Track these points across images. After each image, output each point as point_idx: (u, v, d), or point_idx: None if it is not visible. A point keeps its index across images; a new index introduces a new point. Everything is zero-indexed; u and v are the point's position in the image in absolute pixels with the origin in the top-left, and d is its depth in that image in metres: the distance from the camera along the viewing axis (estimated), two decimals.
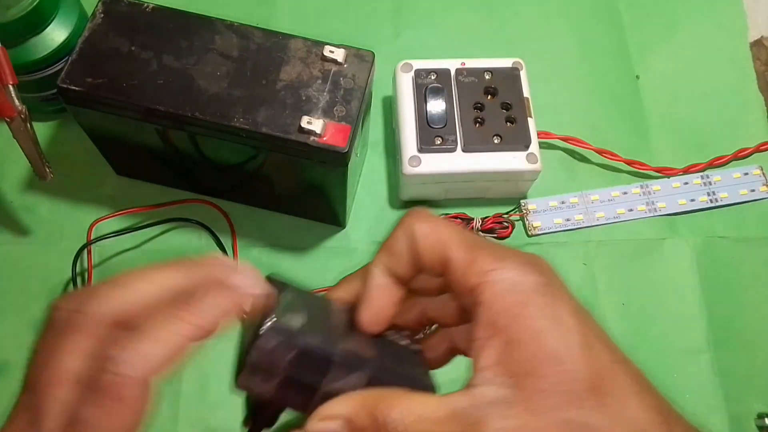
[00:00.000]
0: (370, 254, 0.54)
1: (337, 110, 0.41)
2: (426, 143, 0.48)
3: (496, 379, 0.23)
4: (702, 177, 0.53)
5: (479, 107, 0.49)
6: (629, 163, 0.53)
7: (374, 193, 0.52)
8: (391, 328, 0.29)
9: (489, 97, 0.50)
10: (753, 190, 0.53)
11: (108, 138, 0.46)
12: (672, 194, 0.53)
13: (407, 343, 0.29)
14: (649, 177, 0.54)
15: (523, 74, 0.51)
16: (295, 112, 0.40)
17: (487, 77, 0.50)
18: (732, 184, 0.53)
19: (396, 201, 0.52)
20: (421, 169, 0.48)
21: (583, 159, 0.54)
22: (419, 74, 0.50)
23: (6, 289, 0.48)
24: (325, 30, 0.54)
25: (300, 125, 0.40)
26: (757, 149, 0.54)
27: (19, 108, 0.42)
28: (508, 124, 0.49)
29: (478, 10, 0.60)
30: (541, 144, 0.50)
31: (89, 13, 0.44)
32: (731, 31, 0.60)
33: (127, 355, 0.23)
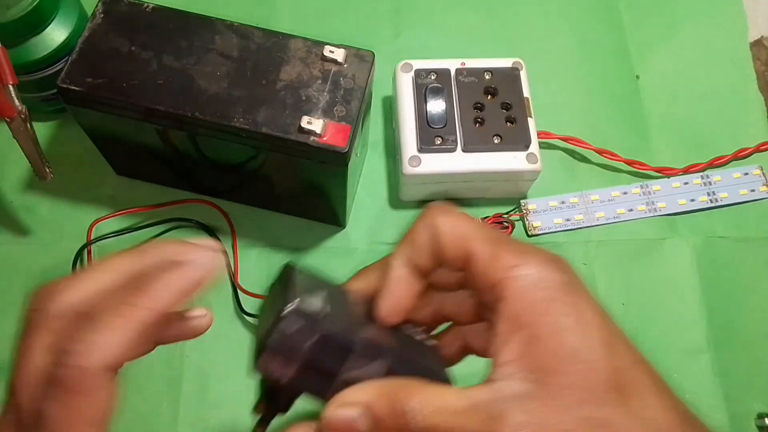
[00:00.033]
0: (371, 254, 0.55)
1: (337, 110, 0.41)
2: (426, 143, 0.48)
3: (517, 374, 0.23)
4: (702, 177, 0.53)
5: (479, 107, 0.49)
6: (629, 163, 0.53)
7: (374, 193, 0.52)
8: (407, 322, 0.29)
9: (489, 97, 0.50)
10: (753, 190, 0.53)
11: (108, 138, 0.46)
12: (672, 194, 0.53)
13: (423, 338, 0.30)
14: (649, 177, 0.54)
15: (523, 74, 0.51)
16: (295, 112, 0.40)
17: (487, 77, 0.50)
18: (732, 184, 0.53)
19: (396, 201, 0.52)
20: (421, 169, 0.48)
21: (583, 159, 0.54)
22: (419, 74, 0.50)
23: (6, 289, 0.48)
24: (325, 30, 0.54)
25: (300, 125, 0.40)
26: (757, 149, 0.54)
27: (19, 108, 0.42)
28: (508, 124, 0.49)
29: (478, 10, 0.60)
30: (541, 144, 0.50)
31: (89, 13, 0.44)
32: (731, 31, 0.60)
33: (81, 347, 0.23)
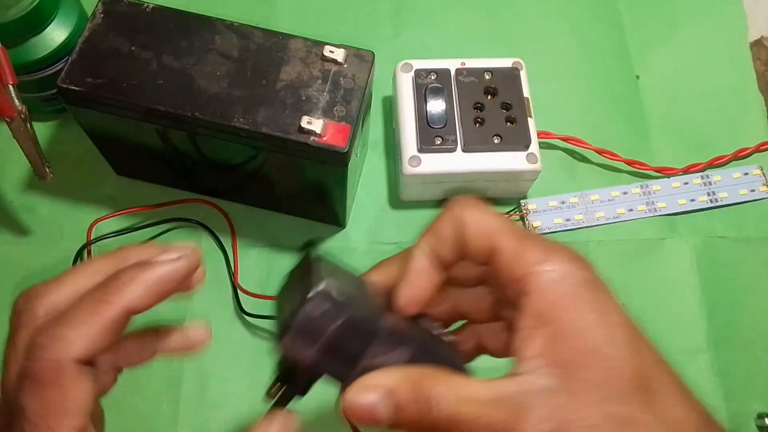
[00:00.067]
0: (371, 254, 0.55)
1: (337, 110, 0.41)
2: (426, 143, 0.48)
3: (542, 368, 0.23)
4: (702, 177, 0.53)
5: (479, 107, 0.49)
6: (629, 163, 0.53)
7: (374, 193, 0.52)
8: (424, 316, 0.29)
9: (489, 97, 0.50)
10: (753, 190, 0.53)
11: (108, 138, 0.46)
12: (672, 194, 0.53)
13: (440, 332, 0.30)
14: (649, 177, 0.54)
15: (523, 74, 0.51)
16: (295, 112, 0.40)
17: (487, 77, 0.50)
18: (732, 184, 0.53)
19: (396, 201, 0.52)
20: (421, 169, 0.48)
21: (583, 159, 0.54)
22: (419, 74, 0.50)
23: (6, 289, 0.48)
24: (325, 30, 0.54)
25: (300, 125, 0.40)
26: (757, 149, 0.54)
27: (19, 108, 0.42)
28: (508, 124, 0.49)
29: (478, 10, 0.60)
30: (541, 144, 0.50)
31: (89, 13, 0.44)
32: (731, 31, 0.60)
33: (49, 340, 0.24)
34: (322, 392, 0.46)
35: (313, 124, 0.40)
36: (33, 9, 0.45)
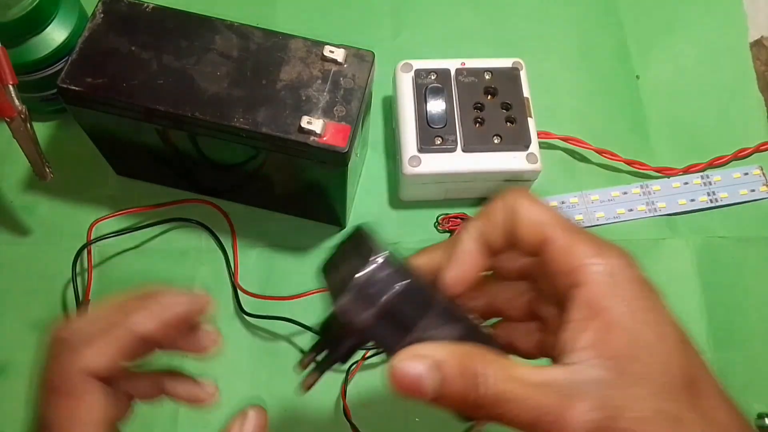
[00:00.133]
0: None
1: (337, 110, 0.41)
2: (426, 143, 0.48)
3: (593, 360, 0.24)
4: (702, 177, 0.53)
5: (479, 107, 0.49)
6: (629, 163, 0.53)
7: (374, 193, 0.52)
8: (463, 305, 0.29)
9: (489, 97, 0.50)
10: (753, 190, 0.53)
11: (108, 138, 0.47)
12: (672, 194, 0.53)
13: (479, 323, 0.30)
14: (649, 177, 0.54)
15: (523, 74, 0.51)
16: (295, 112, 0.40)
17: (487, 77, 0.50)
18: (732, 184, 0.53)
19: (396, 201, 0.52)
20: (421, 169, 0.48)
21: (583, 159, 0.54)
22: (419, 74, 0.50)
23: (6, 289, 0.48)
24: (325, 30, 0.54)
25: (300, 125, 0.40)
26: (757, 149, 0.54)
27: (19, 108, 0.42)
28: (508, 124, 0.49)
29: (478, 10, 0.60)
30: (541, 144, 0.50)
31: (89, 13, 0.44)
32: (731, 31, 0.60)
33: (70, 356, 0.26)
34: (322, 392, 0.46)
35: (313, 124, 0.40)
36: (33, 9, 0.45)
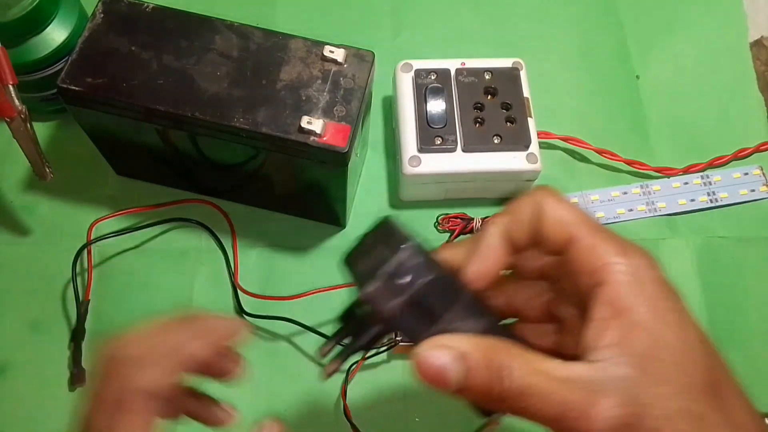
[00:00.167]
0: None
1: (337, 110, 0.41)
2: (426, 143, 0.48)
3: (618, 358, 0.24)
4: (702, 177, 0.53)
5: (479, 107, 0.49)
6: (629, 163, 0.53)
7: (374, 193, 0.52)
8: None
9: (489, 97, 0.50)
10: (753, 190, 0.53)
11: (108, 138, 0.47)
12: (672, 194, 0.53)
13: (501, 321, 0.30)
14: (649, 177, 0.54)
15: (523, 74, 0.51)
16: (295, 112, 0.40)
17: (487, 77, 0.50)
18: (732, 184, 0.53)
19: (396, 201, 0.52)
20: (421, 169, 0.48)
21: (583, 159, 0.54)
22: (419, 74, 0.50)
23: (6, 289, 0.48)
24: (325, 30, 0.54)
25: (300, 125, 0.40)
26: (757, 149, 0.54)
27: (19, 108, 0.42)
28: (508, 124, 0.49)
29: (478, 10, 0.60)
30: (541, 144, 0.50)
31: (89, 13, 0.44)
32: (731, 31, 0.60)
33: (129, 377, 0.27)
34: (322, 392, 0.46)
35: (313, 124, 0.40)
36: (33, 9, 0.45)
